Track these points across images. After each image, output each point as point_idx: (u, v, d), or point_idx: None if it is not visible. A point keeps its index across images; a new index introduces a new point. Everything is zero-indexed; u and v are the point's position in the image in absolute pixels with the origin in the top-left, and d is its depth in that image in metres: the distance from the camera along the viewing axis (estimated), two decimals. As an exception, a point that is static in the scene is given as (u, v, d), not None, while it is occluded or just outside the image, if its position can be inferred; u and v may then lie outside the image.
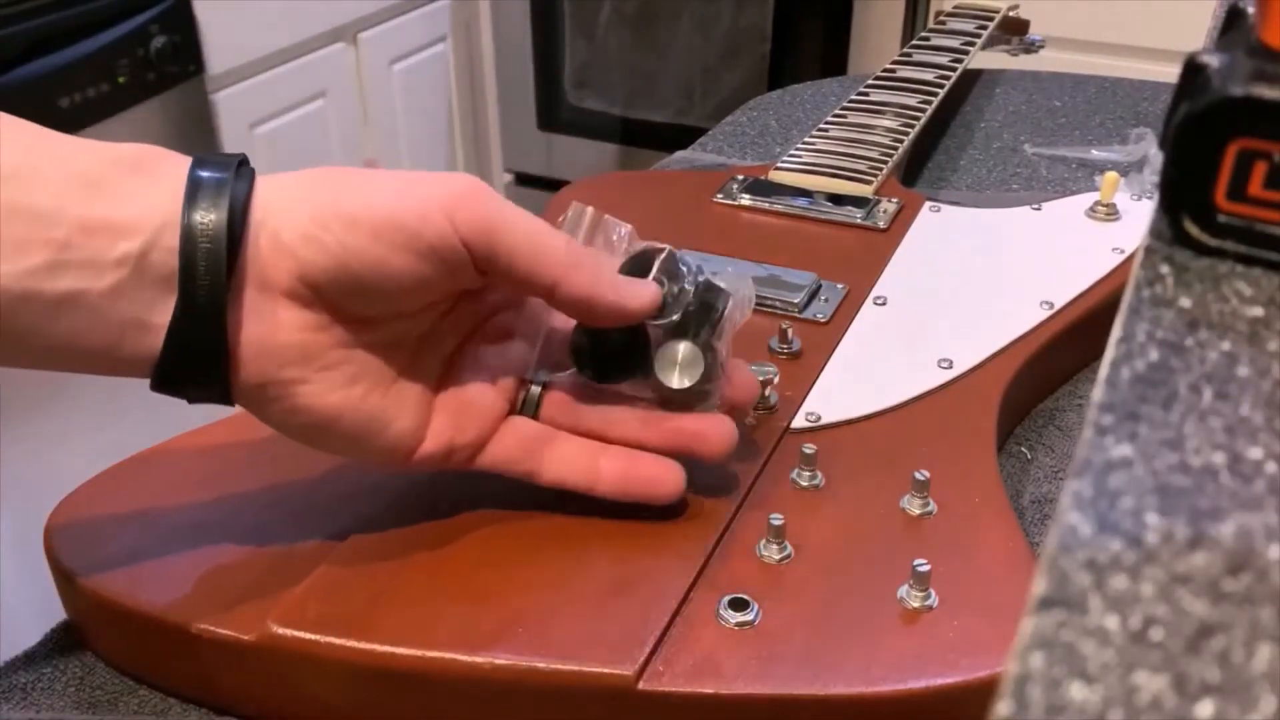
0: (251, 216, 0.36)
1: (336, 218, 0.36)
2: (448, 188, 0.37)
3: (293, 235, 0.36)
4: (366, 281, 0.37)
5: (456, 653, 0.37)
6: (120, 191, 0.35)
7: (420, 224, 0.36)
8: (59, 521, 0.44)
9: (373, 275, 0.37)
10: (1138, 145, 0.80)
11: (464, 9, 2.02)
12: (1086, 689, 0.16)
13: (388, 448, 0.40)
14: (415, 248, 0.37)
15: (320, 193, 0.37)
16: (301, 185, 0.38)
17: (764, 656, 0.37)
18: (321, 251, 0.36)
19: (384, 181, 0.38)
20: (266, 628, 0.38)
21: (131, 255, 0.34)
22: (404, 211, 0.37)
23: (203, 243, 0.35)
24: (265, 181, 0.37)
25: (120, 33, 1.36)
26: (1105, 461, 0.20)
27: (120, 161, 0.35)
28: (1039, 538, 0.48)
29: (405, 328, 0.40)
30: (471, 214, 0.37)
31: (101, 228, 0.34)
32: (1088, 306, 0.56)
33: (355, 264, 0.36)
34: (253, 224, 0.36)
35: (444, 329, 0.41)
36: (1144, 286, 0.25)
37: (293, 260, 0.36)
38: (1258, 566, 0.18)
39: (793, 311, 0.56)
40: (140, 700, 0.42)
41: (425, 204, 0.37)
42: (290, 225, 0.36)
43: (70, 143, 0.36)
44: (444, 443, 0.40)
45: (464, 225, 0.37)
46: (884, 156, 0.70)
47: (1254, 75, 0.25)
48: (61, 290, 0.34)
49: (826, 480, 0.45)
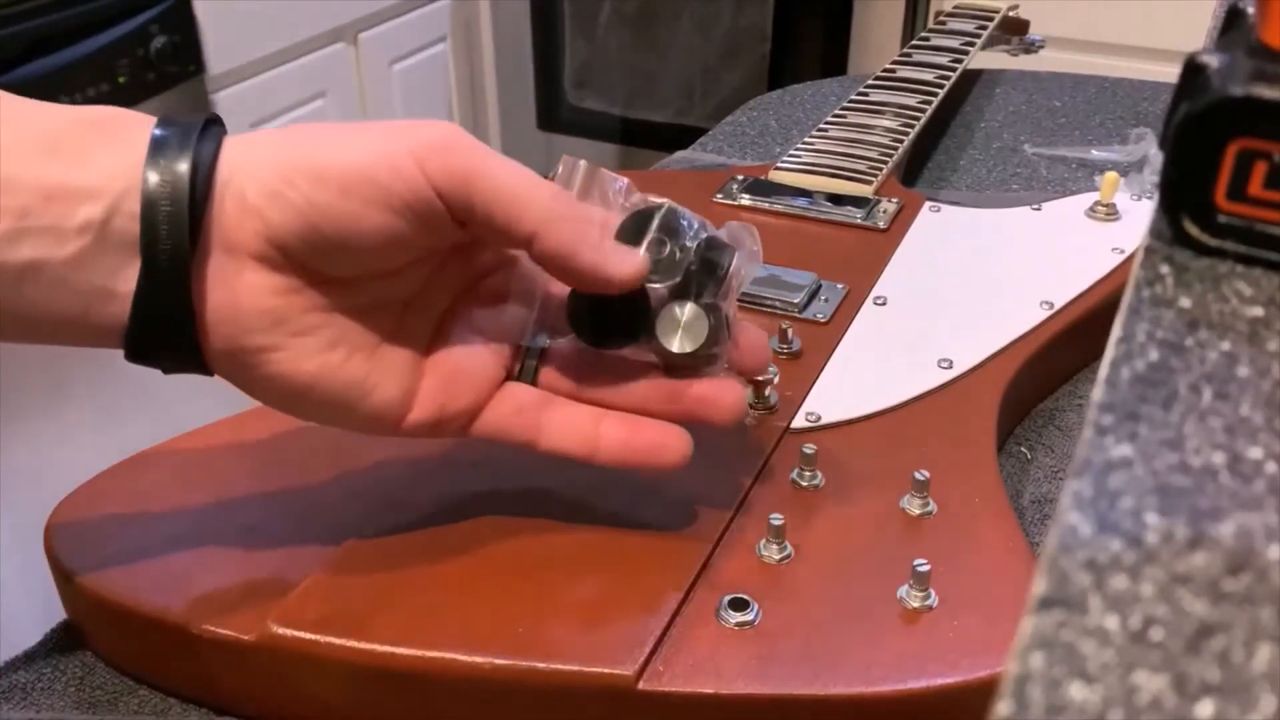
0: (217, 176, 0.35)
1: (302, 173, 0.34)
2: (421, 136, 0.35)
3: (258, 194, 0.35)
4: (337, 240, 0.35)
5: (456, 653, 0.37)
6: (81, 155, 0.33)
7: (391, 176, 0.35)
8: (59, 521, 0.44)
9: (343, 233, 0.35)
10: (1138, 145, 0.80)
11: (464, 9, 2.02)
12: (1086, 689, 0.16)
13: (373, 415, 0.38)
14: (387, 202, 0.35)
15: (288, 148, 0.35)
16: (270, 142, 0.36)
17: (764, 656, 0.37)
18: (287, 209, 0.34)
19: (356, 133, 0.36)
20: (266, 628, 0.38)
21: (94, 222, 0.33)
22: (373, 163, 0.35)
23: (163, 205, 0.33)
24: (234, 141, 0.36)
25: (120, 33, 1.36)
26: (1105, 461, 0.20)
27: (80, 122, 0.34)
28: (1039, 538, 0.48)
29: (388, 289, 0.38)
30: (446, 161, 0.35)
31: (61, 193, 0.33)
32: (1088, 306, 0.56)
33: (323, 222, 0.35)
34: (218, 184, 0.35)
35: (432, 290, 0.39)
36: (1144, 286, 0.25)
37: (259, 220, 0.35)
38: (1258, 566, 0.18)
39: (793, 311, 0.56)
40: (140, 700, 0.42)
41: (396, 154, 0.35)
42: (256, 183, 0.35)
43: (29, 105, 0.34)
44: (434, 410, 0.39)
45: (437, 174, 0.35)
46: (884, 156, 0.70)
47: (1254, 75, 0.25)
48: (22, 260, 0.32)
49: (826, 480, 0.45)
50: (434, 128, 0.36)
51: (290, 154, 0.35)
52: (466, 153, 0.35)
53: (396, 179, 0.34)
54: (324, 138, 0.36)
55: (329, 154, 0.35)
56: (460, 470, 0.45)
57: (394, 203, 0.35)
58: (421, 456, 0.46)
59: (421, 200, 0.35)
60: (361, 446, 0.46)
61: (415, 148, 0.35)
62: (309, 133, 0.36)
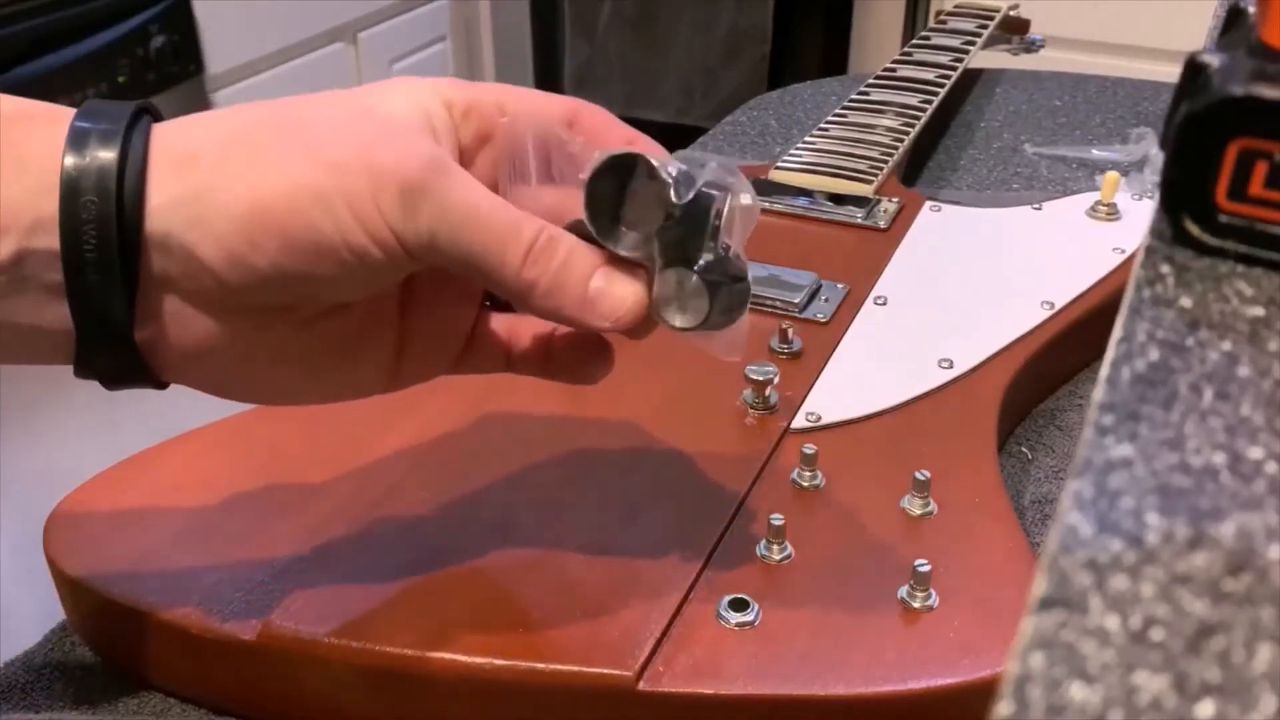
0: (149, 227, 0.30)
1: (268, 233, 0.30)
2: (387, 178, 0.30)
3: (213, 252, 0.30)
4: (304, 294, 0.32)
5: (456, 653, 0.37)
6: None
7: (365, 241, 0.30)
8: (59, 521, 0.44)
9: (312, 288, 0.32)
10: (1138, 145, 0.80)
11: (464, 9, 2.02)
12: (1087, 689, 0.16)
13: (361, 390, 0.36)
14: (360, 263, 0.31)
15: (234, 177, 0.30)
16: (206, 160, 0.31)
17: (764, 656, 0.37)
18: (250, 274, 0.31)
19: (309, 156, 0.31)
20: (266, 628, 0.38)
21: (3, 263, 0.29)
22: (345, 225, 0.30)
23: (90, 270, 0.30)
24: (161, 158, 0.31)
25: (120, 32, 1.36)
26: (1106, 461, 0.20)
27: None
28: (1039, 538, 0.48)
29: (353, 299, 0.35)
30: (414, 223, 0.31)
31: None
32: (1088, 306, 0.56)
33: (292, 283, 0.31)
34: (153, 235, 0.30)
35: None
36: (1144, 286, 0.25)
37: (212, 279, 0.31)
38: (1258, 566, 0.18)
39: (793, 311, 0.56)
40: (140, 700, 0.42)
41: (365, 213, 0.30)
42: (207, 239, 0.30)
43: None
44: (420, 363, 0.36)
45: (406, 234, 0.31)
46: (884, 156, 0.70)
47: (1255, 75, 0.25)
48: None
49: (826, 480, 0.45)
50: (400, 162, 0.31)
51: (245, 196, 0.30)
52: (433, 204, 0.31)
53: (370, 243, 0.31)
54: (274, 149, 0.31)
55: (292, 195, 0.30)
56: (460, 469, 0.45)
57: (367, 262, 0.31)
58: (422, 457, 0.46)
59: (392, 257, 0.31)
60: (361, 446, 0.46)
61: (381, 200, 0.30)
62: (252, 137, 0.31)
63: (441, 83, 0.35)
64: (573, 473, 0.45)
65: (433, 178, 0.31)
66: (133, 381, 0.33)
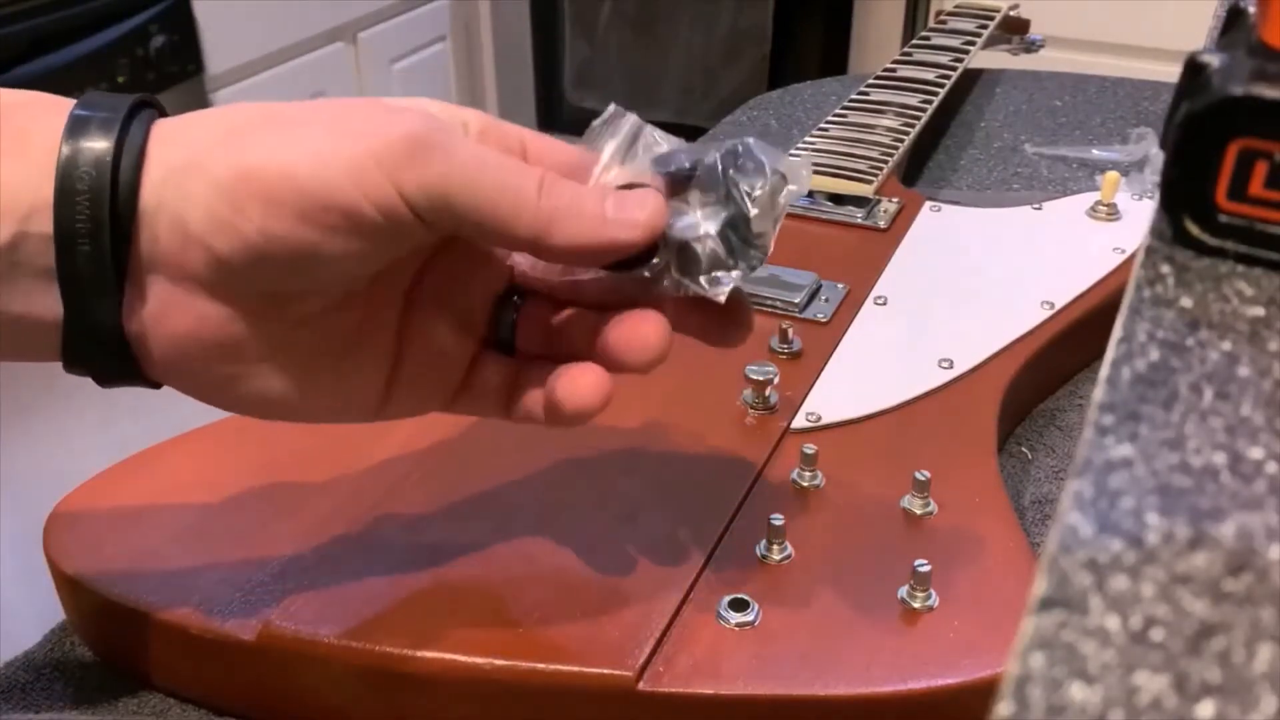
0: (143, 202, 0.30)
1: (254, 195, 0.30)
2: (387, 136, 0.30)
3: (201, 221, 0.30)
4: (292, 268, 0.31)
5: (456, 653, 0.37)
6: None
7: (356, 196, 0.30)
8: (59, 521, 0.44)
9: (301, 262, 0.31)
10: (1138, 145, 0.80)
11: (464, 9, 2.02)
12: (1087, 689, 0.16)
13: (350, 413, 0.36)
14: (352, 227, 0.30)
15: (232, 153, 0.30)
16: (206, 141, 0.31)
17: (764, 656, 0.37)
18: (238, 240, 0.30)
19: (310, 126, 0.31)
20: (266, 628, 0.38)
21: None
22: (335, 180, 0.30)
23: (81, 244, 0.30)
24: (159, 143, 0.31)
25: (120, 32, 1.36)
26: (1106, 461, 0.20)
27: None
28: (1039, 538, 0.48)
29: (352, 286, 0.34)
30: (421, 174, 0.30)
31: None
32: (1088, 306, 0.56)
33: (282, 253, 0.30)
34: (148, 209, 0.30)
35: (394, 271, 0.34)
36: (1145, 286, 0.25)
37: (202, 251, 0.30)
38: (1258, 566, 0.18)
39: (793, 311, 0.56)
40: (140, 700, 0.42)
41: (362, 167, 0.30)
42: (197, 208, 0.30)
43: None
44: (414, 393, 0.36)
45: (411, 186, 0.30)
46: (884, 156, 0.70)
47: (1255, 75, 0.25)
48: None
49: (826, 480, 0.45)
50: (399, 123, 0.31)
51: (235, 164, 0.30)
52: (441, 155, 0.30)
53: (363, 200, 0.30)
54: (271, 134, 0.31)
55: (282, 161, 0.30)
56: (460, 471, 0.45)
57: (361, 227, 0.30)
58: (422, 457, 0.46)
59: (393, 220, 0.30)
60: (362, 447, 0.46)
61: (383, 156, 0.30)
62: (253, 127, 0.31)
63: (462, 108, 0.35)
64: (572, 473, 0.45)
65: (439, 135, 0.31)
66: (123, 377, 0.33)
